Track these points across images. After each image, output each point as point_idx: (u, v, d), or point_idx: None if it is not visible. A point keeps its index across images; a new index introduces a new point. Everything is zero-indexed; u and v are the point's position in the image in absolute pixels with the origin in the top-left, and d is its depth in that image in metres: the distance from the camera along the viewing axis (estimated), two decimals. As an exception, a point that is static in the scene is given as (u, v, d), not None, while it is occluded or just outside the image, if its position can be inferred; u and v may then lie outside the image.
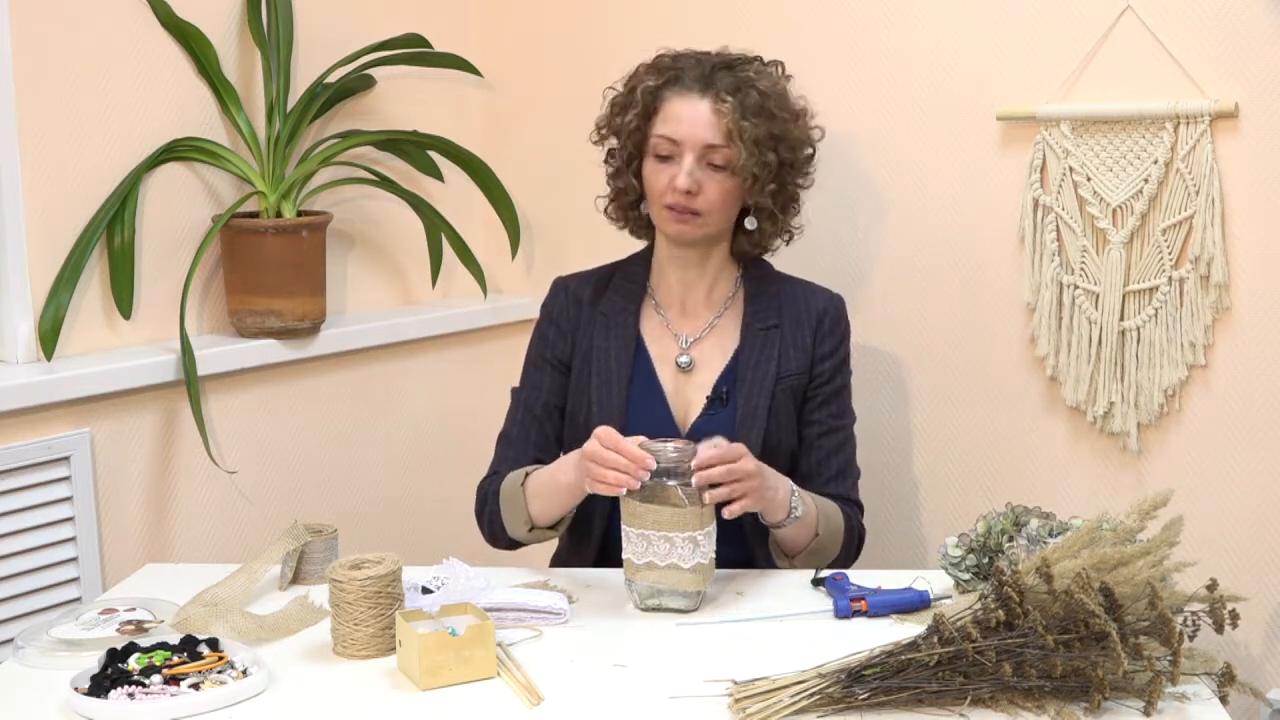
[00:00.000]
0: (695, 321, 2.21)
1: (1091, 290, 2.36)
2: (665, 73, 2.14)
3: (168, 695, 1.63)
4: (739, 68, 2.14)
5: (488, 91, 2.97)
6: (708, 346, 2.19)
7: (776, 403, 2.14)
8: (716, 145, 2.09)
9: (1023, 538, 1.84)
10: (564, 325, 2.22)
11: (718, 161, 2.10)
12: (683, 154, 2.10)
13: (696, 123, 2.10)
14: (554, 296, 2.27)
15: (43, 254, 2.34)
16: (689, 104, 2.11)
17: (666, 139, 2.12)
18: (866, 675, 1.58)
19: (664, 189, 2.12)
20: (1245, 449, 2.28)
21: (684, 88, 2.12)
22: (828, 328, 2.21)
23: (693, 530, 1.83)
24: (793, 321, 2.19)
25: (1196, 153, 2.25)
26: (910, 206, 2.54)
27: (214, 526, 2.56)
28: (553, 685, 1.67)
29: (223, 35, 2.56)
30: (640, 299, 2.22)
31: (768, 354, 2.15)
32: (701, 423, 2.12)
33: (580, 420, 2.16)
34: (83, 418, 2.35)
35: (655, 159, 2.13)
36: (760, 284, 2.22)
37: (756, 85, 2.11)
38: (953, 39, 2.46)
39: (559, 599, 1.87)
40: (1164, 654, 1.59)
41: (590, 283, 2.25)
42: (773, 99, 2.13)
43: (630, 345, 2.17)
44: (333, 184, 2.67)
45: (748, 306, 2.20)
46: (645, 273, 2.24)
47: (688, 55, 2.17)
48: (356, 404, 2.77)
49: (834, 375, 2.20)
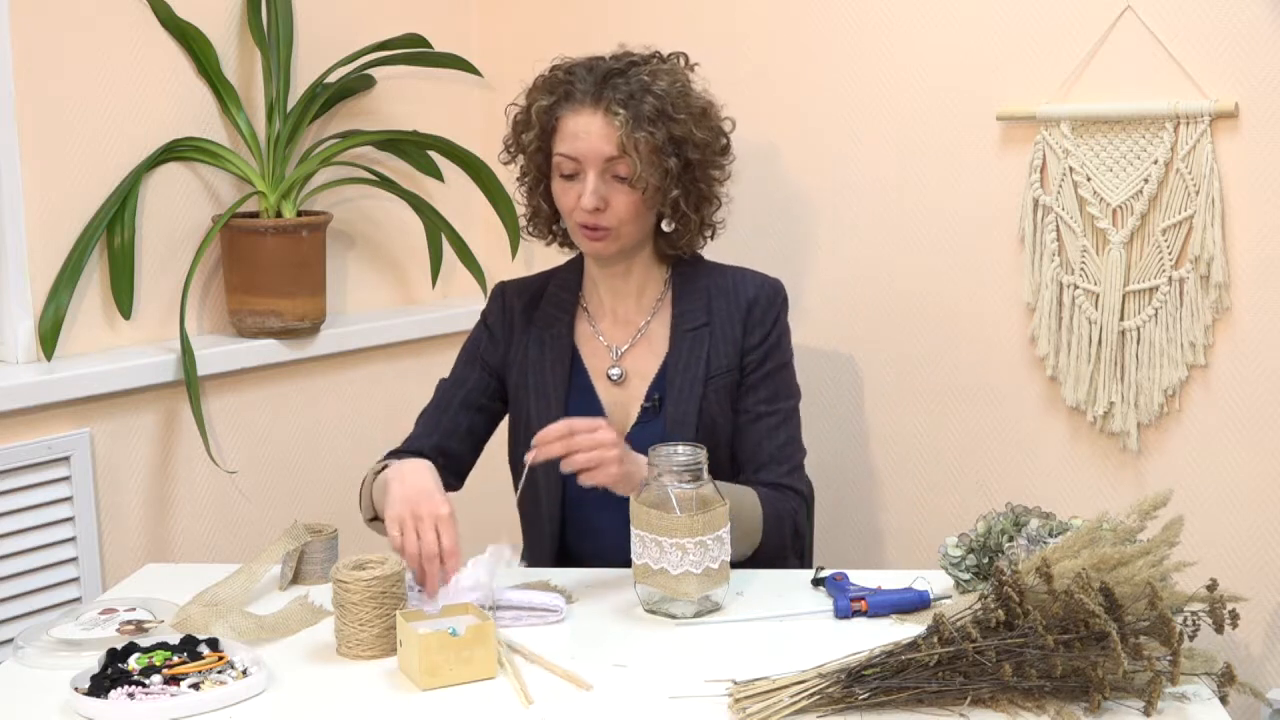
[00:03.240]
0: (626, 330, 2.18)
1: (1091, 290, 2.36)
2: (558, 88, 2.10)
3: (168, 695, 1.63)
4: (632, 72, 2.08)
5: (488, 91, 2.97)
6: (639, 354, 2.16)
7: (708, 403, 2.10)
8: (615, 157, 2.05)
9: (1023, 538, 1.84)
10: (498, 333, 2.21)
11: (621, 173, 2.06)
12: (585, 171, 2.07)
13: (593, 138, 2.05)
14: (492, 302, 2.25)
15: (43, 254, 2.34)
16: (582, 119, 2.06)
17: (567, 157, 2.08)
18: (866, 675, 1.58)
19: (572, 207, 2.09)
20: (1245, 449, 2.28)
21: (576, 103, 2.07)
22: (757, 316, 2.14)
23: (700, 536, 1.83)
24: (722, 317, 2.14)
25: (1196, 153, 2.25)
26: (910, 206, 2.54)
27: (214, 526, 2.56)
28: (553, 685, 1.67)
29: (223, 35, 2.56)
30: (573, 310, 2.19)
31: (696, 355, 2.11)
32: (636, 431, 2.10)
33: (519, 434, 2.15)
34: (82, 418, 2.35)
35: (561, 178, 2.10)
36: (688, 282, 2.17)
37: (652, 89, 2.06)
38: (953, 39, 2.46)
39: (556, 599, 1.87)
40: (1164, 654, 1.59)
41: (527, 292, 2.23)
42: (670, 100, 2.06)
43: (565, 358, 2.15)
44: (333, 184, 2.67)
45: (675, 308, 2.16)
46: (578, 282, 2.21)
47: (580, 65, 2.11)
48: (356, 404, 2.77)
49: (764, 360, 2.14)
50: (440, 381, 2.24)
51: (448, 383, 2.23)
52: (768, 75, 2.63)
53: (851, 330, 2.59)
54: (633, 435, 2.08)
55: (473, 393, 2.20)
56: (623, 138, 2.03)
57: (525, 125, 2.14)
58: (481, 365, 2.21)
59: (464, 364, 2.23)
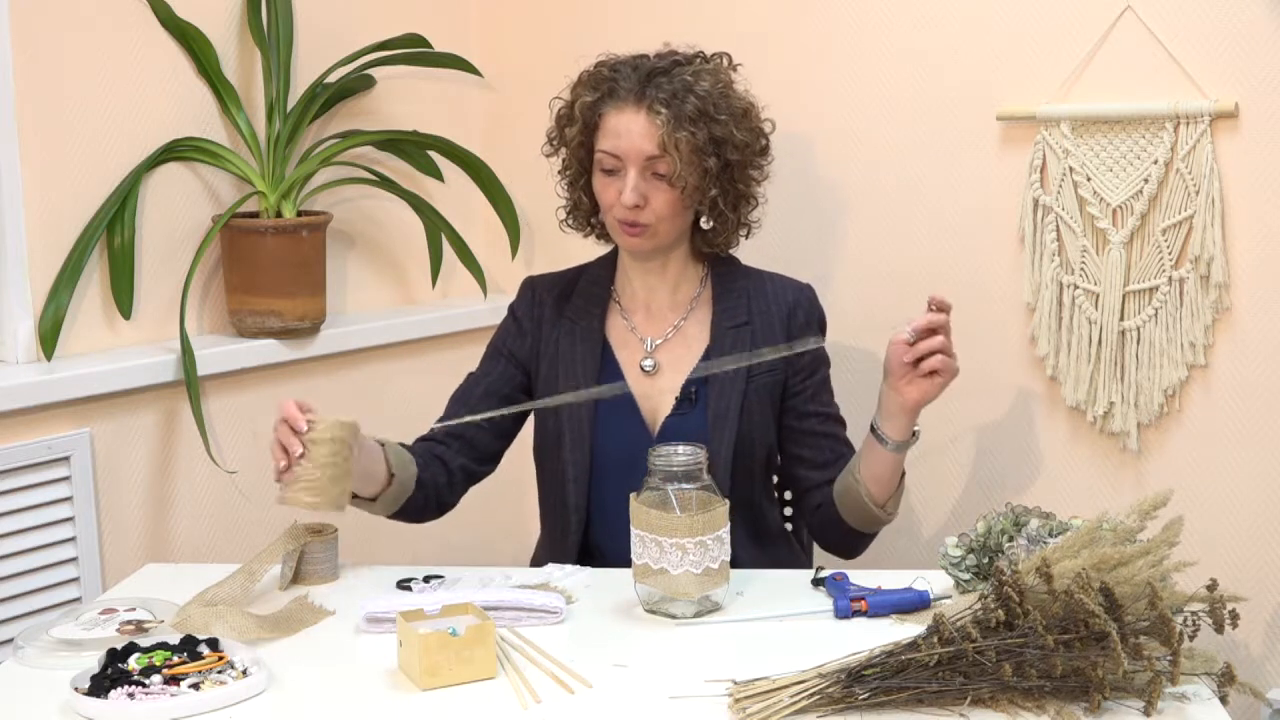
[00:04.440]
0: (660, 324, 2.21)
1: (1091, 290, 2.36)
2: (602, 85, 2.13)
3: (168, 695, 1.63)
4: (676, 71, 2.11)
5: (488, 91, 2.97)
6: (673, 348, 2.19)
7: (749, 401, 2.14)
8: (656, 156, 2.08)
9: (1023, 538, 1.84)
10: (526, 325, 2.23)
11: (661, 171, 2.09)
12: (626, 168, 2.09)
13: (634, 136, 2.08)
14: (521, 296, 2.28)
15: (43, 254, 2.34)
16: (625, 117, 2.09)
17: (608, 154, 2.11)
18: (866, 675, 1.58)
19: (612, 203, 2.12)
20: (1245, 449, 2.28)
21: (620, 100, 2.10)
22: (801, 320, 2.20)
23: (700, 535, 1.83)
24: (763, 318, 2.18)
25: (1196, 153, 2.25)
26: (910, 207, 2.54)
27: (214, 526, 2.56)
28: (552, 685, 1.67)
29: (223, 35, 2.56)
30: (605, 303, 2.22)
31: (738, 352, 2.15)
32: (671, 421, 2.13)
33: (550, 425, 2.18)
34: (83, 418, 2.35)
35: (602, 173, 2.13)
36: (727, 282, 2.21)
37: (694, 89, 2.09)
38: (953, 39, 2.46)
39: (556, 599, 1.87)
40: (1164, 654, 1.59)
41: (557, 285, 2.26)
42: (712, 101, 2.09)
43: (596, 349, 2.18)
44: (333, 184, 2.67)
45: (715, 306, 2.20)
46: (610, 276, 2.25)
47: (625, 63, 2.14)
48: (356, 404, 2.77)
49: (818, 365, 2.20)
50: (469, 373, 2.27)
51: (474, 373, 2.26)
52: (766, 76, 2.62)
53: (850, 330, 2.58)
54: (668, 426, 2.13)
55: (496, 382, 2.22)
56: (664, 137, 2.06)
57: (569, 120, 2.17)
58: (507, 357, 2.23)
59: (490, 356, 2.26)
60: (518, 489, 2.55)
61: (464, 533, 2.86)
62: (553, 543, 2.20)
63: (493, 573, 2.00)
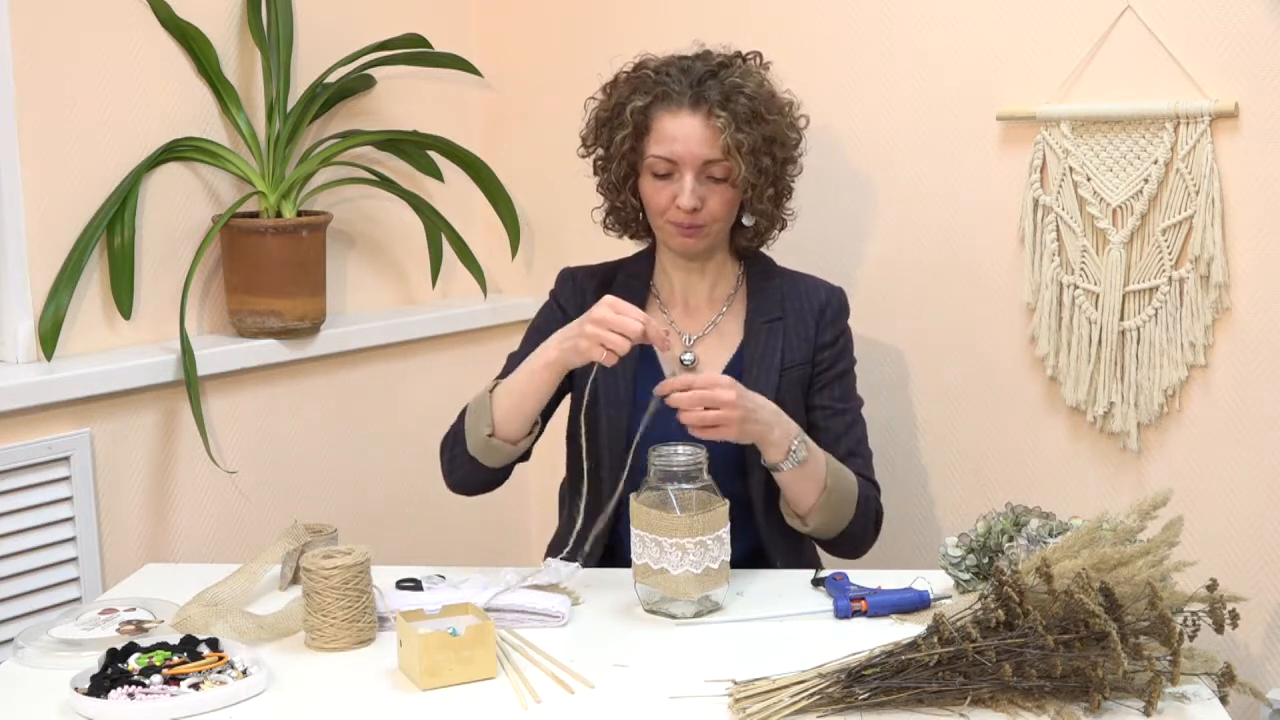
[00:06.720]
0: (698, 320, 2.23)
1: (1091, 290, 2.36)
2: (652, 89, 2.12)
3: (168, 695, 1.63)
4: (723, 73, 2.12)
5: (488, 91, 2.97)
6: (710, 343, 2.21)
7: (782, 392, 2.14)
8: (715, 160, 2.09)
9: (1023, 538, 1.84)
10: (571, 312, 2.22)
11: (717, 174, 2.10)
12: (681, 172, 2.10)
13: (691, 140, 2.09)
14: (562, 284, 2.29)
15: (43, 254, 2.34)
16: (681, 122, 2.10)
17: (661, 158, 2.11)
18: (866, 675, 1.58)
19: (666, 206, 2.13)
20: (1245, 449, 2.28)
21: (674, 104, 2.10)
22: (829, 317, 2.22)
23: (700, 535, 1.83)
24: (796, 314, 2.20)
25: (1196, 153, 2.25)
26: (910, 206, 2.54)
27: (214, 526, 2.56)
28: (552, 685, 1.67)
29: (223, 35, 2.56)
30: (644, 297, 2.23)
31: (772, 346, 2.17)
32: None
33: (588, 416, 2.17)
34: (82, 417, 2.35)
35: (653, 177, 2.13)
36: (763, 280, 2.24)
37: (744, 90, 2.10)
38: (953, 39, 2.46)
39: (561, 601, 1.87)
40: (1164, 654, 1.59)
41: (595, 277, 2.27)
42: (761, 101, 2.12)
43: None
44: (333, 184, 2.67)
45: (750, 303, 2.22)
46: (649, 271, 2.26)
47: (671, 64, 2.14)
48: (356, 404, 2.77)
49: (836, 360, 2.21)
50: (510, 354, 2.26)
51: (516, 353, 2.24)
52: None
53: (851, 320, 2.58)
54: None
55: None
56: (726, 140, 2.08)
57: (617, 124, 2.16)
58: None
59: (532, 341, 2.23)
60: (518, 489, 2.55)
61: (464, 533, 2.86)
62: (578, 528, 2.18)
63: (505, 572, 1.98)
